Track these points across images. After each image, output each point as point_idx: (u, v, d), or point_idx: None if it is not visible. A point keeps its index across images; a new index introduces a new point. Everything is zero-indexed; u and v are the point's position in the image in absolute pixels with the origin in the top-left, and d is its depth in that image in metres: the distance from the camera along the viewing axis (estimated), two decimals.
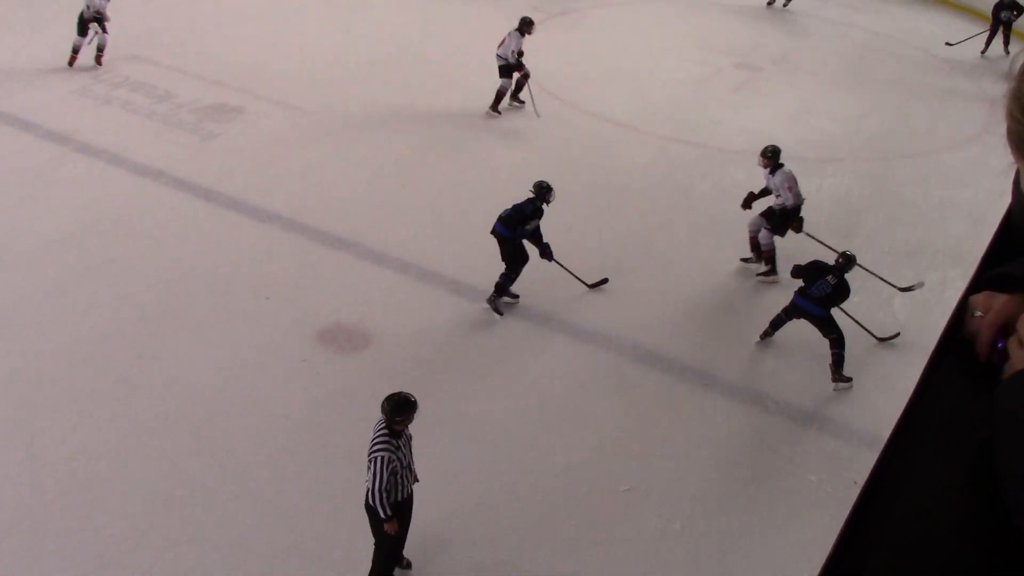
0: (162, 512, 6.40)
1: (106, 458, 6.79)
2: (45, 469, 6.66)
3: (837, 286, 8.08)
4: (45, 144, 11.17)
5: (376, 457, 5.47)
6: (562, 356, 8.31)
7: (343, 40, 15.31)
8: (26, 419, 7.11)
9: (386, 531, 5.66)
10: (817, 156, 12.56)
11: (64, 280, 8.76)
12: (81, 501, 6.43)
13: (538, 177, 9.30)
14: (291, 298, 8.74)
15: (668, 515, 6.68)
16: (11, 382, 7.47)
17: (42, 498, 6.43)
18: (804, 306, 8.14)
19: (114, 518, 6.32)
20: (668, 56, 15.78)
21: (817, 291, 8.08)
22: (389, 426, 5.54)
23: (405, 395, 5.59)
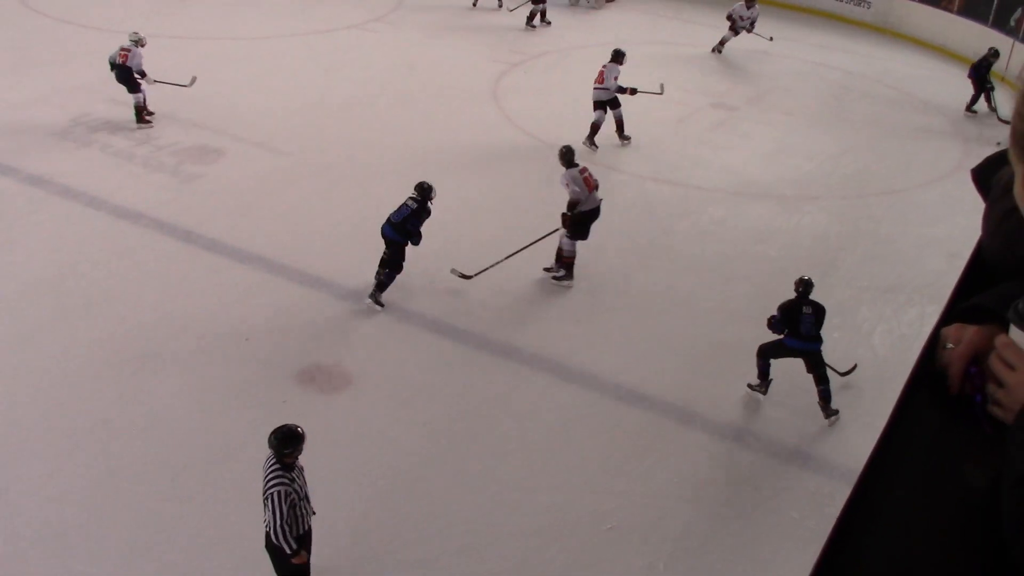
0: (140, 559, 6.32)
1: (83, 504, 6.71)
2: (21, 516, 6.57)
3: (816, 312, 8.09)
4: (24, 187, 11.14)
5: (273, 493, 5.42)
6: (544, 395, 8.29)
7: (324, 81, 15.41)
8: (2, 464, 7.02)
9: (295, 564, 5.61)
10: (795, 194, 12.68)
11: (42, 323, 8.70)
12: (57, 548, 6.34)
13: (516, 216, 9.37)
14: (271, 340, 8.71)
15: (651, 554, 6.65)
16: None
17: (17, 545, 6.34)
18: (802, 347, 8.08)
19: (91, 565, 6.23)
20: (645, 96, 15.90)
21: (806, 328, 8.04)
22: (280, 460, 5.49)
23: (292, 427, 5.56)
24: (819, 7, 23.00)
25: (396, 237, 9.21)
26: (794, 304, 8.13)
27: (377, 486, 7.05)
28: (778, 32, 20.54)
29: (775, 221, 11.88)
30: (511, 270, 10.09)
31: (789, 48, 19.55)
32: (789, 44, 19.74)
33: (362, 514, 6.81)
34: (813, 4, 23.11)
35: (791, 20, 22.07)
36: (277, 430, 5.53)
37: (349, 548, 6.52)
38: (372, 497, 6.96)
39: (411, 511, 6.88)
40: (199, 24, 17.69)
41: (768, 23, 21.12)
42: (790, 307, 8.11)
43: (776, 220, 11.89)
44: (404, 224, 9.17)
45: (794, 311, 8.08)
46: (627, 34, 20.00)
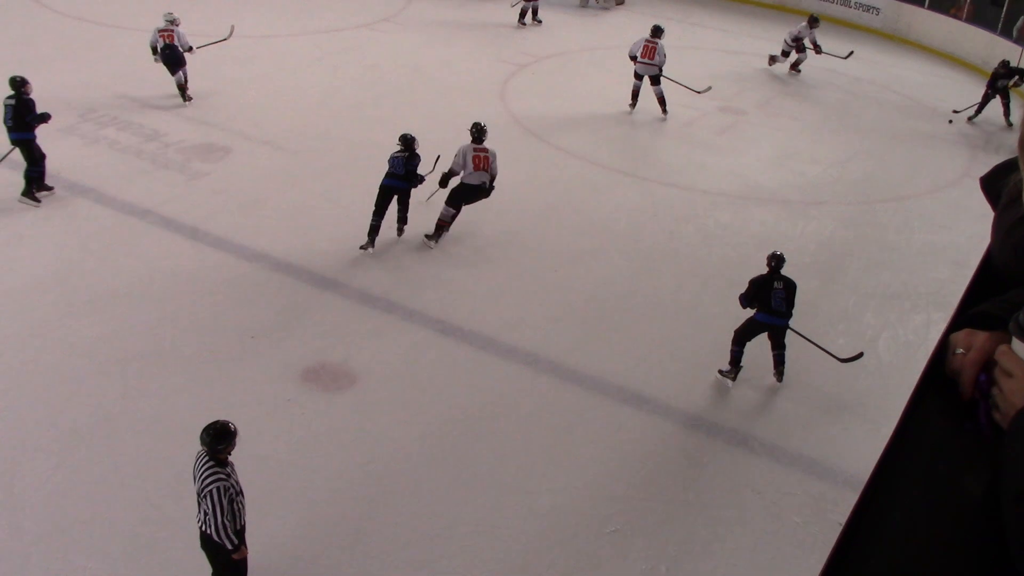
0: (143, 555, 6.33)
1: (87, 499, 6.72)
2: (25, 510, 6.58)
3: (787, 287, 8.36)
4: None
5: (212, 490, 5.40)
6: (547, 398, 8.29)
7: (331, 80, 15.43)
8: (7, 459, 7.04)
9: (236, 560, 5.61)
10: (801, 199, 12.68)
11: (47, 319, 8.72)
12: (61, 543, 6.36)
13: (523, 218, 9.39)
14: (276, 338, 8.72)
15: (654, 558, 6.65)
16: None
17: (21, 539, 6.35)
18: (771, 321, 8.40)
19: (94, 560, 6.25)
20: (653, 99, 15.93)
21: (776, 303, 8.33)
22: (213, 456, 5.47)
23: (224, 423, 5.55)
24: (828, 13, 22.98)
25: (402, 184, 10.37)
26: (766, 279, 8.39)
27: (380, 485, 7.06)
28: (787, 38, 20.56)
29: (781, 226, 11.87)
30: (517, 271, 10.10)
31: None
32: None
33: (365, 514, 6.81)
34: (822, 10, 23.08)
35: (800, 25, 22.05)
36: (210, 426, 5.51)
37: (352, 547, 6.53)
38: (375, 497, 6.96)
39: (413, 512, 6.88)
40: (207, 22, 17.68)
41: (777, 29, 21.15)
42: (761, 282, 8.38)
43: (782, 225, 11.88)
44: (405, 172, 10.28)
45: (765, 286, 8.34)
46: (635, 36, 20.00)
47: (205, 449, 5.50)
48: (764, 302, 8.33)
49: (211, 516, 5.41)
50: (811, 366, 9.06)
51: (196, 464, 5.56)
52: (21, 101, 10.48)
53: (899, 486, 1.26)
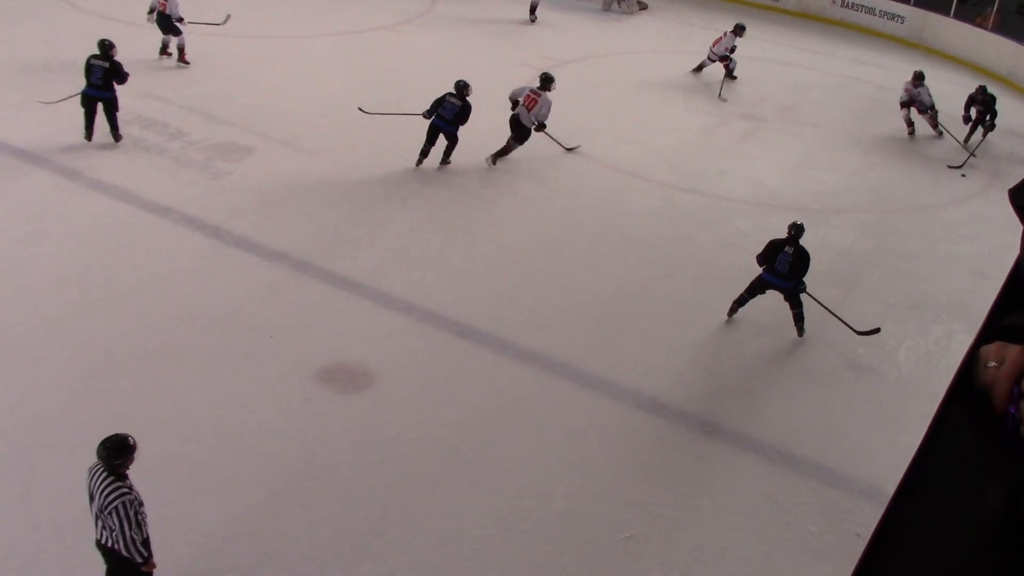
0: (157, 552, 6.32)
1: None
2: (41, 505, 6.62)
3: (795, 255, 9.03)
4: (55, 179, 11.26)
5: (117, 506, 5.25)
6: (563, 401, 8.28)
7: (352, 82, 15.46)
8: (24, 454, 7.09)
9: (145, 573, 5.50)
10: (821, 207, 12.62)
11: (67, 315, 8.78)
12: (76, 539, 6.37)
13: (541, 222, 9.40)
14: (294, 337, 8.75)
15: (668, 564, 6.63)
16: (11, 416, 7.45)
17: (37, 533, 6.39)
18: (771, 280, 9.21)
19: None
20: (674, 105, 15.92)
21: (781, 266, 9.05)
22: (112, 471, 5.31)
23: (123, 437, 5.40)
24: (852, 21, 22.90)
25: (451, 129, 12.18)
26: (778, 243, 9.18)
27: (395, 487, 7.07)
28: (811, 45, 20.50)
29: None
30: (534, 275, 10.10)
31: (820, 61, 19.49)
32: (821, 57, 19.69)
33: (380, 514, 6.82)
34: (846, 18, 23.01)
35: (824, 33, 21.99)
36: (107, 440, 5.34)
37: (366, 546, 6.54)
38: (390, 498, 6.97)
39: (428, 513, 6.89)
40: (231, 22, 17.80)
41: (801, 37, 21.11)
42: (774, 244, 9.20)
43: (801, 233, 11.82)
44: (456, 119, 12.10)
45: (776, 249, 9.15)
46: (657, 42, 20.02)
47: (102, 463, 5.33)
48: (770, 263, 9.11)
49: (118, 532, 5.26)
50: (828, 377, 9.02)
51: (92, 479, 5.38)
52: (113, 64, 11.99)
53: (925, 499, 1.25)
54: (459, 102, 12.09)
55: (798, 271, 9.06)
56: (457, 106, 12.07)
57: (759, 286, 9.29)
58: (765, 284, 9.25)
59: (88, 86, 11.99)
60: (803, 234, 9.22)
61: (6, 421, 7.41)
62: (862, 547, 4.37)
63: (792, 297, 9.25)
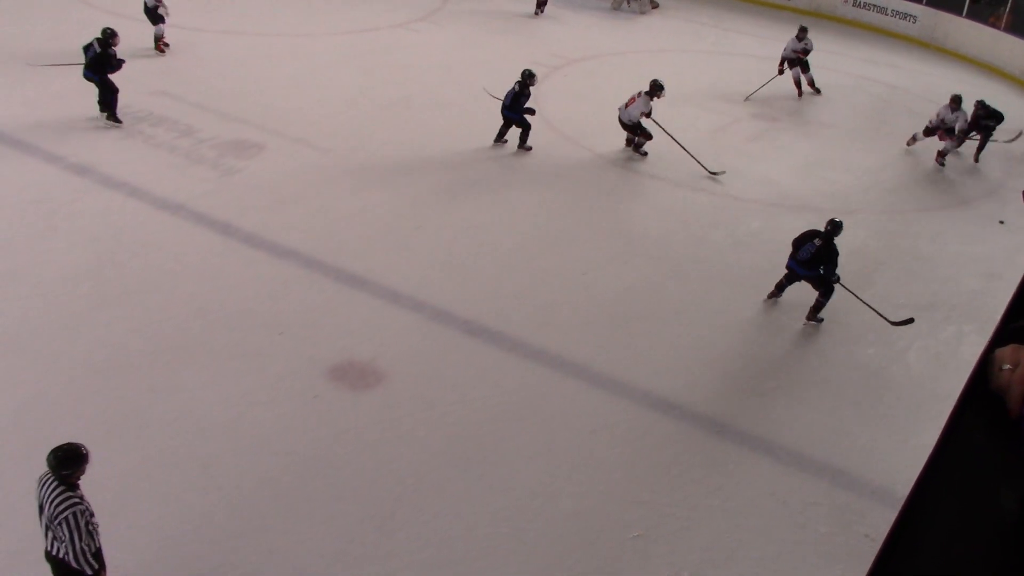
0: (168, 547, 6.38)
1: (114, 490, 6.77)
2: None
3: (822, 247, 9.28)
4: (67, 175, 11.31)
5: (67, 516, 5.12)
6: (573, 400, 8.28)
7: (363, 80, 15.49)
8: (36, 449, 7.07)
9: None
10: (832, 207, 12.55)
11: (79, 311, 8.82)
12: None
13: (552, 221, 9.41)
14: (304, 335, 8.76)
15: (677, 564, 6.62)
16: (23, 411, 7.49)
17: None
18: (793, 268, 9.55)
19: (120, 551, 6.28)
20: (686, 104, 15.87)
21: (803, 254, 9.39)
22: (62, 481, 5.18)
23: (75, 446, 5.26)
24: (864, 20, 22.83)
25: (511, 115, 13.07)
26: (811, 233, 9.49)
27: (404, 484, 7.07)
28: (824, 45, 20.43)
29: None
30: (545, 274, 10.09)
31: (833, 61, 19.40)
32: (833, 57, 19.61)
33: (388, 512, 6.83)
34: (858, 17, 22.95)
35: (836, 32, 21.92)
36: (57, 449, 5.22)
37: (375, 544, 6.55)
38: (399, 496, 6.98)
39: (436, 512, 6.89)
40: (243, 19, 17.87)
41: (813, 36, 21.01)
42: (806, 233, 9.52)
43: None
44: (512, 105, 12.90)
45: (804, 238, 9.47)
46: (669, 41, 19.99)
47: (51, 472, 5.20)
48: (795, 250, 9.47)
49: (68, 543, 5.14)
50: (839, 377, 9.00)
51: (42, 488, 5.24)
52: (105, 54, 12.51)
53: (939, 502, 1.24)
54: (516, 88, 12.93)
55: (819, 261, 9.30)
56: (512, 92, 12.94)
57: (789, 275, 9.71)
58: (789, 270, 9.65)
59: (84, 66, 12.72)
60: (839, 231, 9.43)
61: (19, 416, 7.44)
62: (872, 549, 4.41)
63: (820, 286, 9.46)
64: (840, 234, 9.48)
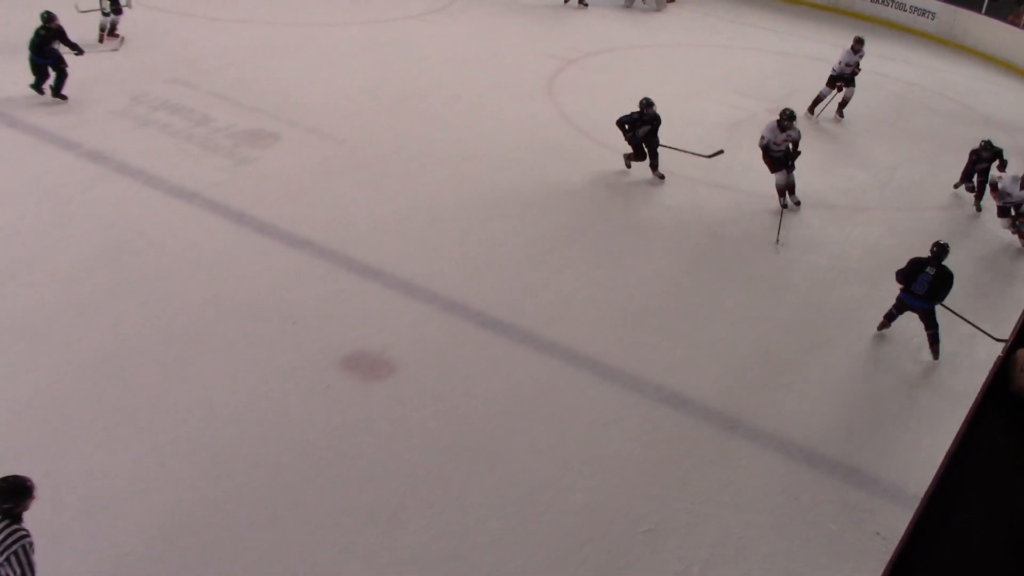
0: (179, 535, 6.41)
1: (127, 477, 6.82)
2: (66, 485, 6.69)
3: (937, 276, 8.78)
4: (83, 163, 11.36)
5: (17, 550, 4.89)
6: (585, 394, 8.27)
7: (379, 71, 15.50)
8: (51, 435, 7.16)
9: None
10: (848, 204, 12.53)
11: (94, 298, 8.86)
12: (100, 519, 6.46)
13: (567, 214, 9.41)
14: (317, 325, 8.78)
15: (687, 559, 6.61)
16: (38, 397, 7.53)
17: (61, 515, 6.45)
18: (909, 302, 8.99)
19: (132, 538, 6.34)
20: (700, 99, 15.83)
21: (919, 287, 8.81)
22: (6, 514, 4.94)
23: (21, 479, 5.03)
24: (881, 16, 22.70)
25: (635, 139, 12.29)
26: (919, 262, 8.94)
27: (414, 476, 7.09)
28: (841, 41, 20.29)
29: (826, 230, 11.74)
30: (558, 267, 10.08)
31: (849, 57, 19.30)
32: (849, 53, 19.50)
33: (398, 503, 6.84)
34: (875, 13, 22.82)
35: (852, 28, 21.75)
36: (1, 481, 4.98)
37: (384, 536, 6.56)
38: (409, 488, 6.99)
39: (447, 503, 6.91)
40: (258, 8, 17.89)
41: (830, 31, 20.92)
42: (915, 263, 8.95)
43: (827, 229, 11.76)
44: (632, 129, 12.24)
45: (914, 269, 8.90)
46: (685, 36, 19.94)
47: None
48: (908, 283, 8.90)
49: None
50: (852, 375, 8.98)
51: None
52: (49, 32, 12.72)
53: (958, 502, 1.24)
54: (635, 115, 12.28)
55: (937, 292, 8.85)
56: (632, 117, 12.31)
57: (899, 307, 9.20)
58: (903, 305, 9.11)
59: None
60: (946, 254, 8.98)
61: (34, 401, 7.49)
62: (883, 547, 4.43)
63: (925, 317, 9.03)
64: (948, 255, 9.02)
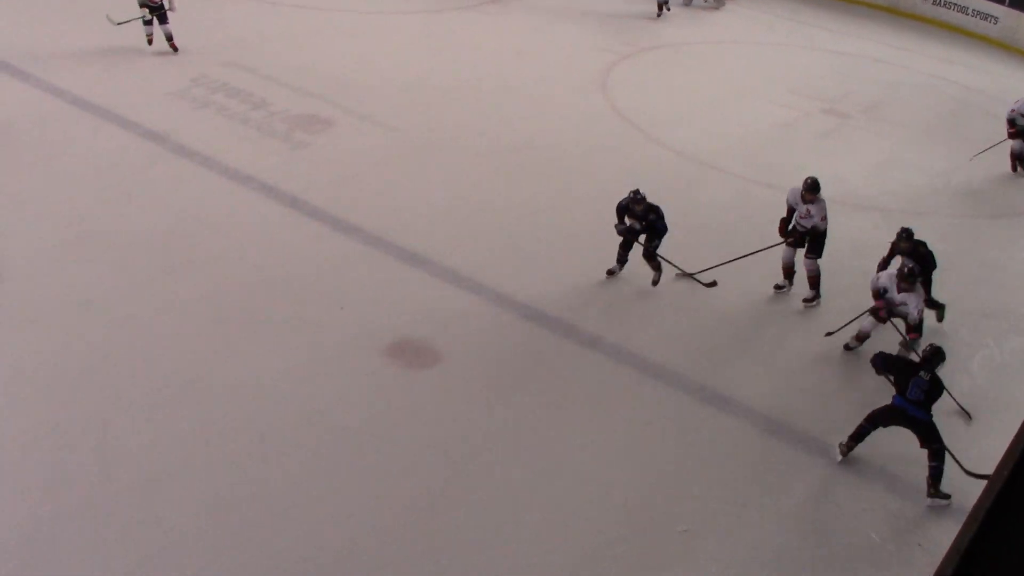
0: (223, 513, 6.52)
1: (174, 454, 6.95)
2: (115, 459, 6.83)
3: (932, 381, 7.22)
4: (143, 142, 11.56)
5: None
6: (629, 390, 8.28)
7: (433, 60, 15.57)
8: (101, 410, 7.32)
9: None
10: (901, 209, 12.37)
11: (148, 276, 9.02)
12: (147, 494, 6.58)
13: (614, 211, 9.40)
14: (364, 311, 8.87)
15: (724, 561, 6.60)
16: (91, 372, 7.70)
17: (110, 487, 6.60)
18: (907, 410, 7.24)
19: (177, 513, 6.46)
20: (755, 97, 15.70)
21: (915, 392, 7.20)
22: None
23: None
24: (942, 19, 22.34)
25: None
26: (905, 363, 7.55)
27: (455, 466, 7.14)
28: (899, 42, 20.06)
29: (877, 234, 11.57)
30: (605, 261, 10.07)
31: (908, 59, 19.06)
32: (909, 55, 19.27)
33: (439, 491, 6.90)
34: (937, 15, 22.46)
35: (912, 30, 21.50)
36: None
37: (424, 522, 6.63)
38: (449, 477, 7.05)
39: (486, 493, 6.95)
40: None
41: (888, 32, 20.63)
42: (906, 362, 7.55)
43: (878, 234, 11.59)
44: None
45: (909, 370, 7.36)
46: (742, 33, 19.77)
47: None
48: (902, 383, 7.31)
49: None
50: None
51: None
52: None
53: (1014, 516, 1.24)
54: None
55: (932, 402, 7.25)
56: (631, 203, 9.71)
57: (887, 415, 7.40)
58: (895, 412, 7.33)
59: None
60: (942, 362, 7.42)
61: (88, 375, 7.65)
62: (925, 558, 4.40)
63: (930, 432, 7.25)
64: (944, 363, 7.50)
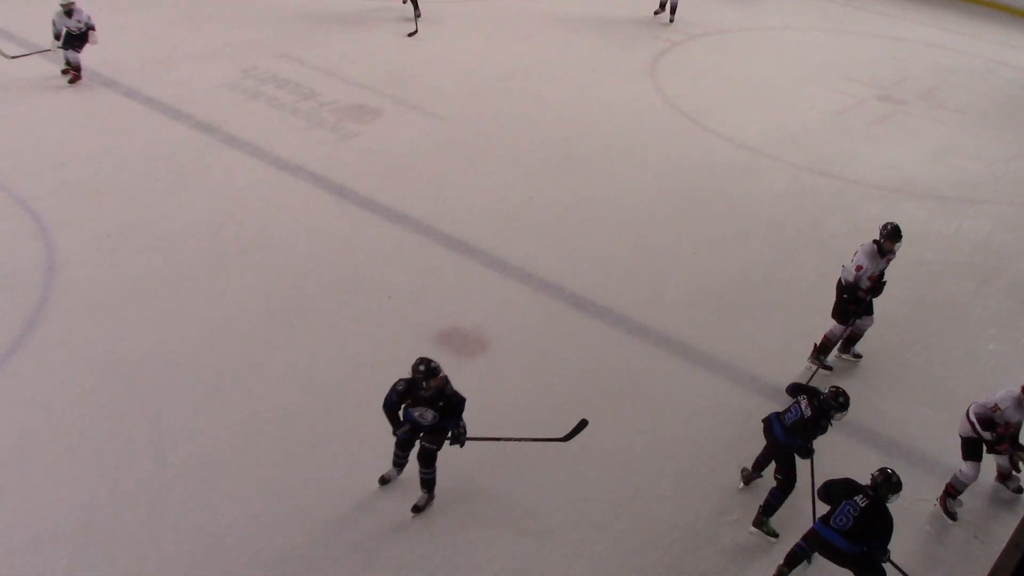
0: (274, 500, 6.58)
1: (227, 441, 7.03)
2: (169, 445, 6.93)
3: (866, 511, 5.78)
4: (194, 133, 11.69)
5: None
6: (679, 380, 8.21)
7: (483, 50, 15.54)
8: (156, 396, 7.42)
9: None
10: (958, 196, 12.11)
11: (200, 265, 9.13)
12: (200, 480, 6.67)
13: (664, 199, 9.32)
14: (413, 300, 8.89)
15: (775, 551, 6.50)
16: (145, 359, 7.81)
17: (164, 473, 6.70)
18: (827, 537, 5.87)
19: (229, 500, 6.54)
20: (809, 84, 15.46)
21: (840, 519, 5.83)
22: None
23: None
24: (1002, 2, 21.79)
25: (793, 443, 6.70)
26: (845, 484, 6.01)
27: (504, 452, 7.12)
28: (957, 27, 19.62)
29: (934, 223, 11.37)
30: (655, 251, 9.99)
31: (967, 43, 18.64)
32: (967, 39, 18.84)
33: (488, 479, 6.91)
34: None
35: (971, 14, 21.00)
36: None
37: (475, 511, 6.64)
38: (497, 463, 7.04)
39: (535, 481, 6.94)
40: None
41: (946, 16, 20.20)
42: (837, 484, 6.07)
43: (935, 222, 11.39)
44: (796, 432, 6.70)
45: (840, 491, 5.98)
46: (794, 18, 19.45)
47: None
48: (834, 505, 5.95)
49: None
50: (949, 369, 8.70)
51: None
52: None
53: None
54: (807, 412, 6.66)
55: (865, 536, 5.75)
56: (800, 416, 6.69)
57: (812, 541, 6.03)
58: (817, 538, 5.96)
59: None
60: (894, 493, 5.85)
61: (142, 363, 7.77)
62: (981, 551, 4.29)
63: (856, 565, 5.85)
64: (896, 498, 5.90)
